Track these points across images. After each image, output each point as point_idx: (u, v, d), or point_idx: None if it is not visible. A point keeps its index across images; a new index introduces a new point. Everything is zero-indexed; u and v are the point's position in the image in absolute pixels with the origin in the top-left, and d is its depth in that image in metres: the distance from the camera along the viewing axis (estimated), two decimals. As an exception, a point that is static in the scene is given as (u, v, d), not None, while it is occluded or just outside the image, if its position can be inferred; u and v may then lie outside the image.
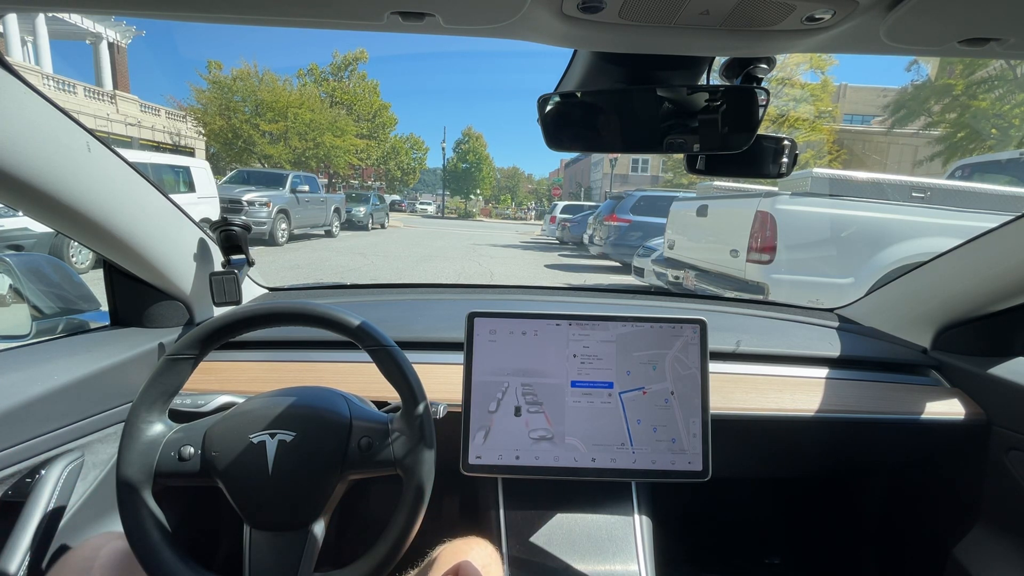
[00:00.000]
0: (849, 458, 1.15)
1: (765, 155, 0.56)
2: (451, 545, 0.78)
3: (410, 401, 0.69)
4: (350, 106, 24.73)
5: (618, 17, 0.42)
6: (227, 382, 0.93)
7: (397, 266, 8.35)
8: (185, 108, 20.09)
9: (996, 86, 12.76)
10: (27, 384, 0.73)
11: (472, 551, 0.76)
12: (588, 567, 0.83)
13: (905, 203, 3.39)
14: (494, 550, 0.80)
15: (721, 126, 0.48)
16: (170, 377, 0.67)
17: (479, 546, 0.78)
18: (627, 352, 0.85)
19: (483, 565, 0.74)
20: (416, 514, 0.66)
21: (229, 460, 0.64)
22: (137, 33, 22.31)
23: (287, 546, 0.64)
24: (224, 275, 1.01)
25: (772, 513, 1.42)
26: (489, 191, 47.64)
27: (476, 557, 0.75)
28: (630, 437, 0.83)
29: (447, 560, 0.74)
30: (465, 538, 0.80)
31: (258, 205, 9.45)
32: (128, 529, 0.62)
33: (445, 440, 0.75)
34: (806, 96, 14.62)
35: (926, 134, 15.10)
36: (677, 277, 4.68)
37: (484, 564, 0.74)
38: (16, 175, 0.65)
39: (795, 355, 1.06)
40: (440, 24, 0.44)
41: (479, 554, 0.76)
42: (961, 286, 0.99)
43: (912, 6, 0.38)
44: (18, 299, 0.96)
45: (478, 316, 0.85)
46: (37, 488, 0.74)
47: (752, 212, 3.55)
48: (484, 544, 0.79)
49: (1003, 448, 0.95)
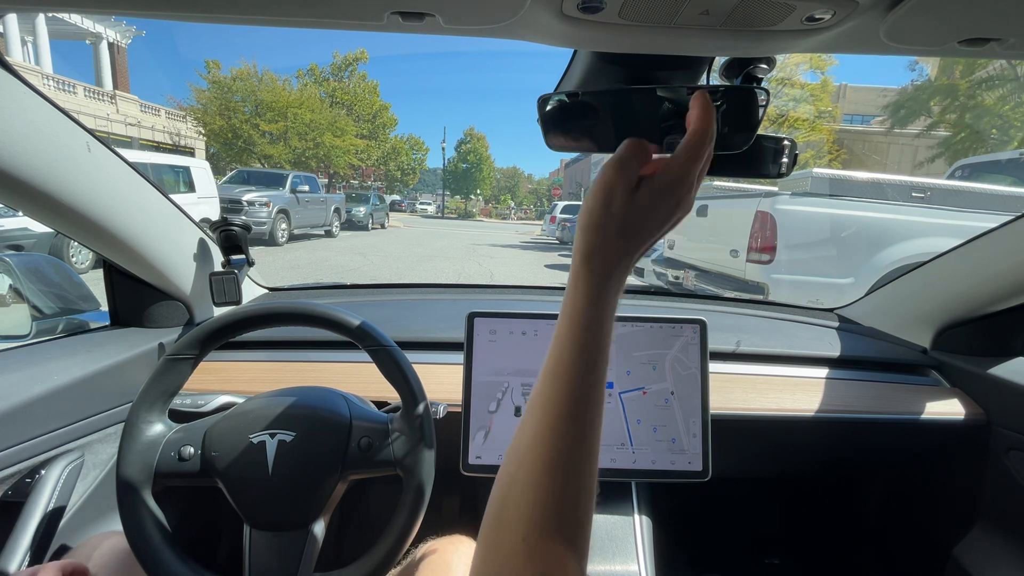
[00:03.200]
0: (849, 458, 1.15)
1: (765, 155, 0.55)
2: (436, 543, 0.78)
3: (410, 401, 0.69)
4: (350, 106, 24.73)
5: (618, 17, 0.42)
6: (227, 382, 0.93)
7: (397, 266, 8.35)
8: (185, 108, 20.09)
9: (997, 86, 12.76)
10: (27, 384, 0.73)
11: (457, 550, 0.76)
12: (588, 567, 0.83)
13: (905, 203, 3.39)
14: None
15: (721, 126, 0.48)
16: (170, 377, 0.67)
17: (464, 544, 0.78)
18: (627, 352, 0.85)
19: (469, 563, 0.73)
20: (416, 514, 0.66)
21: (229, 460, 0.64)
22: (137, 33, 22.34)
23: (287, 546, 0.64)
24: (224, 275, 1.01)
25: (772, 513, 1.42)
26: (489, 191, 47.65)
27: (462, 556, 0.74)
28: (630, 437, 0.83)
29: (431, 559, 0.74)
30: (450, 536, 0.80)
31: (258, 205, 9.45)
32: (128, 529, 0.62)
33: (445, 440, 0.75)
34: (806, 96, 14.63)
35: (926, 134, 15.10)
36: (677, 277, 4.68)
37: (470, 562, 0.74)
38: (16, 175, 0.65)
39: (795, 355, 1.06)
40: (440, 24, 0.44)
41: (465, 552, 0.76)
42: (961, 286, 0.99)
43: (912, 6, 0.38)
44: (18, 299, 0.96)
45: (478, 316, 0.85)
46: (37, 488, 0.74)
47: (752, 212, 3.55)
48: (469, 542, 0.79)
49: (1003, 448, 0.95)
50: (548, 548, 0.34)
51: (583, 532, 0.36)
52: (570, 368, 0.38)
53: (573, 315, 0.40)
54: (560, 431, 0.37)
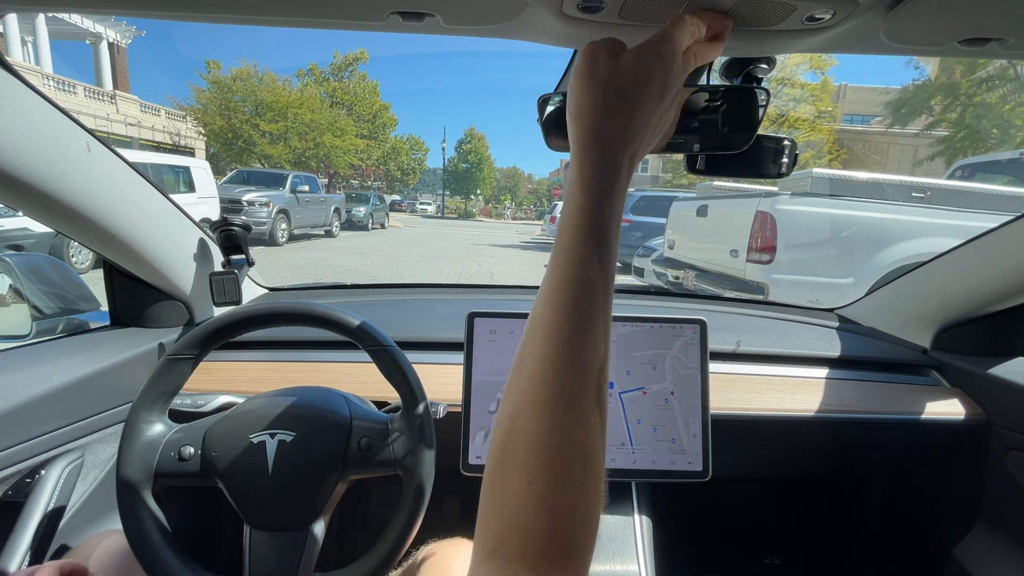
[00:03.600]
0: (849, 458, 1.15)
1: (765, 155, 0.55)
2: (436, 546, 0.78)
3: (410, 401, 0.69)
4: (350, 106, 24.73)
5: (618, 17, 0.42)
6: (227, 382, 0.93)
7: (397, 266, 8.35)
8: (185, 108, 20.09)
9: (997, 86, 12.76)
10: (27, 384, 0.73)
11: (459, 553, 0.76)
12: None
13: (905, 203, 3.39)
14: None
15: (721, 126, 0.48)
16: (170, 377, 0.67)
17: (465, 547, 0.78)
18: (627, 352, 0.85)
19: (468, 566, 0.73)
20: (416, 514, 0.66)
21: (229, 460, 0.64)
22: (137, 33, 22.34)
23: (287, 546, 0.64)
24: (224, 275, 1.01)
25: (772, 513, 1.42)
26: (489, 191, 47.64)
27: (462, 558, 0.74)
28: (630, 437, 0.83)
29: (432, 561, 0.74)
30: (451, 539, 0.80)
31: (258, 205, 9.45)
32: (128, 529, 0.62)
33: (445, 440, 0.75)
34: (806, 96, 14.62)
35: (926, 134, 15.10)
36: (677, 277, 4.69)
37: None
38: (16, 175, 0.65)
39: (795, 355, 1.06)
40: (440, 24, 0.45)
41: (465, 555, 0.76)
42: (961, 286, 0.99)
43: (912, 6, 0.38)
44: (18, 299, 0.96)
45: (478, 316, 0.85)
46: (37, 488, 0.74)
47: (752, 212, 3.55)
48: (469, 544, 0.79)
49: (1003, 448, 0.95)
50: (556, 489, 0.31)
51: (593, 470, 0.32)
52: (575, 285, 0.33)
53: (576, 215, 0.34)
54: (561, 362, 0.32)
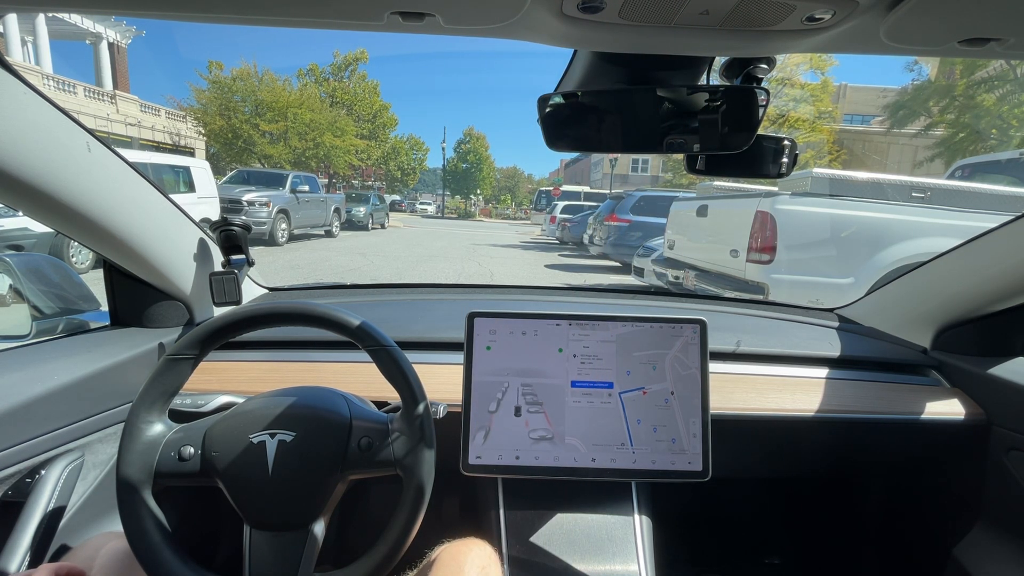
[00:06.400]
0: (849, 458, 1.15)
1: (765, 155, 0.56)
2: (450, 546, 0.78)
3: (410, 401, 0.69)
4: (350, 106, 24.71)
5: (618, 17, 0.42)
6: (227, 382, 0.93)
7: (397, 266, 8.35)
8: (185, 108, 20.07)
9: (996, 86, 12.76)
10: (27, 384, 0.73)
11: (471, 552, 0.76)
12: (588, 567, 0.83)
13: (905, 203, 3.39)
14: (492, 551, 0.80)
15: (721, 126, 0.48)
16: (170, 377, 0.67)
17: (478, 547, 0.78)
18: (627, 352, 0.85)
19: (482, 566, 0.74)
20: (416, 514, 0.66)
21: (229, 460, 0.64)
22: (137, 33, 22.31)
23: (287, 546, 0.64)
24: (224, 275, 1.01)
25: (772, 513, 1.42)
26: (489, 191, 47.62)
27: (475, 558, 0.75)
28: (630, 437, 0.83)
29: (446, 561, 0.74)
30: (464, 539, 0.80)
31: (258, 205, 9.44)
32: (128, 529, 0.62)
33: (445, 440, 0.75)
34: (806, 96, 14.63)
35: (926, 134, 15.10)
36: (677, 277, 4.68)
37: (483, 565, 0.74)
38: (16, 175, 0.65)
39: (795, 355, 1.06)
40: (440, 24, 0.45)
41: (478, 555, 0.76)
42: (961, 286, 0.99)
43: (912, 6, 0.38)
44: (18, 299, 0.96)
45: (478, 316, 0.85)
46: (37, 488, 0.74)
47: (752, 212, 3.55)
48: (483, 545, 0.79)
49: (1003, 448, 0.95)
50: None
51: None
52: None
53: None
54: None
